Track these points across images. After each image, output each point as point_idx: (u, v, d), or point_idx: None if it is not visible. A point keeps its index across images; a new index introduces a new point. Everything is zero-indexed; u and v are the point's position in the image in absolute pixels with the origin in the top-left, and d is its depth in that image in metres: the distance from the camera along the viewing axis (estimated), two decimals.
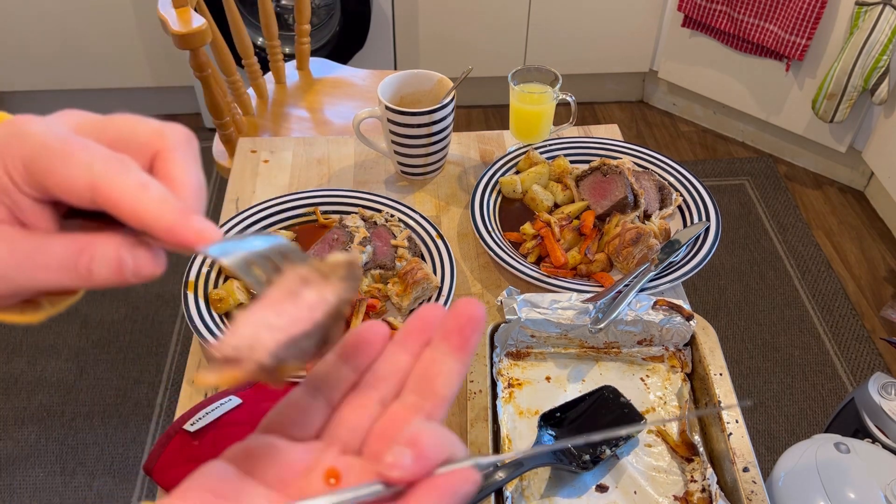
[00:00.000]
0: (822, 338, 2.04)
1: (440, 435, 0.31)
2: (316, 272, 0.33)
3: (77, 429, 1.82)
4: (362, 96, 1.80)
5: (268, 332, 0.31)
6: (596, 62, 2.71)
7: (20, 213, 0.33)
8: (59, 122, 0.34)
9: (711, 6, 2.39)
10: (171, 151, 0.34)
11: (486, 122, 2.79)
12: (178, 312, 2.08)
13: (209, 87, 1.47)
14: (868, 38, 2.08)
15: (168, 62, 2.57)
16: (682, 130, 2.78)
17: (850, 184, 2.53)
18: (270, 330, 0.32)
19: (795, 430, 1.83)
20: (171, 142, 0.34)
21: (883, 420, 1.35)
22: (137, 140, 0.34)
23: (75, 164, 0.31)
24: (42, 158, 0.32)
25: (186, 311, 0.91)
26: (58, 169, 0.31)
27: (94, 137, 0.33)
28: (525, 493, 0.77)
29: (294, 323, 0.32)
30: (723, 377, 0.82)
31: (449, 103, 1.09)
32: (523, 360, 0.89)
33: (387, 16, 2.43)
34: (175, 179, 0.33)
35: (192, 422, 0.79)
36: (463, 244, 1.07)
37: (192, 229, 0.32)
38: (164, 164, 0.34)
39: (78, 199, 0.32)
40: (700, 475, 0.78)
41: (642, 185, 1.07)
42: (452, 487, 0.30)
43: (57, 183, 0.32)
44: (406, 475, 0.30)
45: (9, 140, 0.32)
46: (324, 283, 0.33)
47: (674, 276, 0.95)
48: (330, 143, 1.24)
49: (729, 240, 2.31)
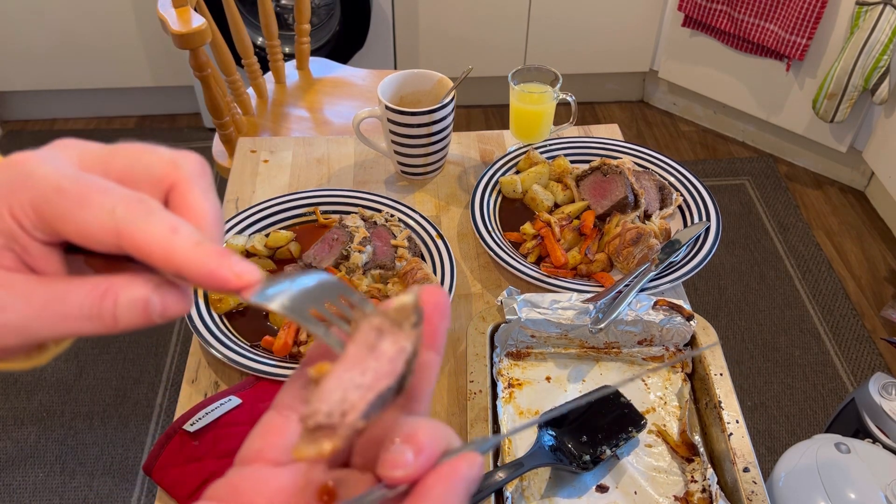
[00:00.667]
0: (823, 338, 2.03)
1: (435, 427, 0.31)
2: (388, 321, 0.32)
3: (76, 429, 1.82)
4: (362, 96, 1.80)
5: (356, 393, 0.30)
6: (596, 62, 2.71)
7: (29, 258, 0.31)
8: (60, 157, 0.31)
9: (712, 6, 2.39)
10: (188, 183, 0.32)
11: (486, 121, 2.79)
12: None
13: (209, 86, 1.47)
14: (868, 37, 2.08)
15: (168, 62, 2.57)
16: (683, 130, 2.78)
17: (850, 184, 2.53)
18: (358, 389, 0.30)
19: (796, 431, 1.82)
20: (186, 173, 0.32)
21: (883, 420, 1.35)
22: (150, 173, 0.32)
23: (96, 209, 0.29)
24: (55, 203, 0.29)
25: None
26: (75, 214, 0.29)
27: (101, 172, 0.31)
28: (525, 493, 0.76)
29: (379, 379, 0.31)
30: (723, 377, 0.82)
31: (449, 103, 1.09)
32: (523, 360, 0.89)
33: (387, 15, 2.43)
34: (194, 213, 0.32)
35: (192, 422, 0.79)
36: (463, 244, 1.06)
37: (231, 272, 0.30)
38: (182, 197, 0.32)
39: (99, 245, 0.30)
40: (700, 475, 0.77)
41: (642, 184, 1.07)
42: (458, 473, 0.29)
43: (76, 230, 0.30)
44: (410, 472, 0.29)
45: (13, 183, 0.30)
46: (398, 331, 0.32)
47: (674, 276, 0.95)
48: (330, 143, 1.24)
49: (729, 240, 2.31)
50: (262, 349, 0.89)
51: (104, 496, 1.69)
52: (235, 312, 0.94)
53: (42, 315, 0.30)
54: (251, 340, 0.90)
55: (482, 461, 0.30)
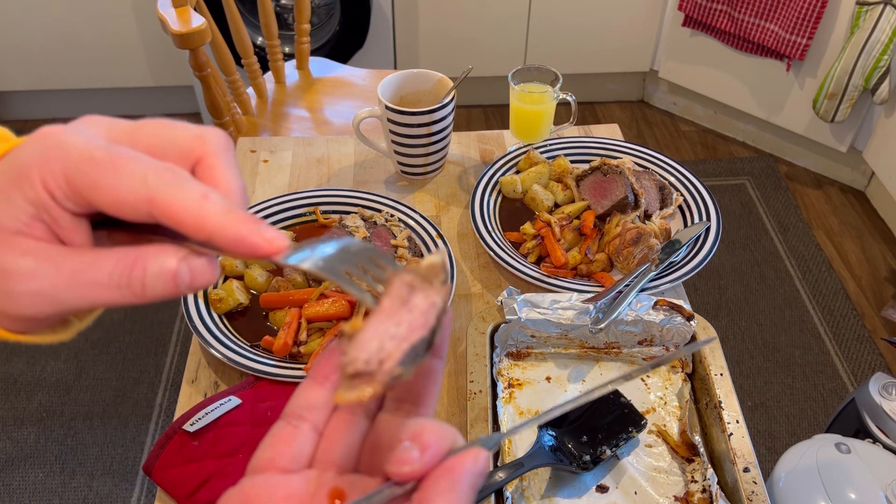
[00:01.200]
0: (823, 338, 2.03)
1: (440, 427, 0.31)
2: (419, 277, 0.34)
3: (76, 429, 1.81)
4: (362, 96, 1.80)
5: (392, 342, 0.32)
6: (596, 62, 2.71)
7: (59, 229, 0.31)
8: (89, 130, 0.32)
9: (712, 6, 2.39)
10: (214, 157, 0.33)
11: (486, 121, 2.79)
12: (178, 312, 2.08)
13: (209, 86, 1.47)
14: (869, 37, 2.08)
15: (167, 62, 2.57)
16: (683, 130, 2.78)
17: (850, 184, 2.53)
18: (394, 339, 0.32)
19: (796, 431, 1.82)
20: (212, 147, 0.33)
21: (884, 420, 1.35)
22: (177, 146, 0.33)
23: (128, 178, 0.30)
24: (88, 172, 0.30)
25: (186, 312, 0.91)
26: (108, 183, 0.30)
27: (129, 145, 0.32)
28: (525, 493, 0.76)
29: (413, 330, 0.32)
30: (723, 377, 0.82)
31: (449, 103, 1.08)
32: (523, 360, 0.89)
33: (387, 15, 2.42)
34: (222, 185, 0.32)
35: (192, 422, 0.79)
36: (463, 244, 1.06)
37: (262, 238, 0.31)
38: (209, 170, 0.33)
39: (132, 214, 0.31)
40: (701, 475, 0.77)
41: (643, 184, 1.07)
42: (464, 467, 0.30)
43: (108, 199, 0.30)
44: (416, 469, 0.30)
45: (47, 153, 0.30)
46: (429, 287, 0.34)
47: (674, 276, 0.95)
48: (330, 143, 1.24)
49: (729, 240, 2.31)
50: (261, 349, 0.89)
51: (104, 496, 1.69)
52: (235, 313, 0.94)
53: (71, 283, 0.31)
54: (251, 340, 0.90)
55: (488, 456, 0.31)
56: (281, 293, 0.93)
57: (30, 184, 0.30)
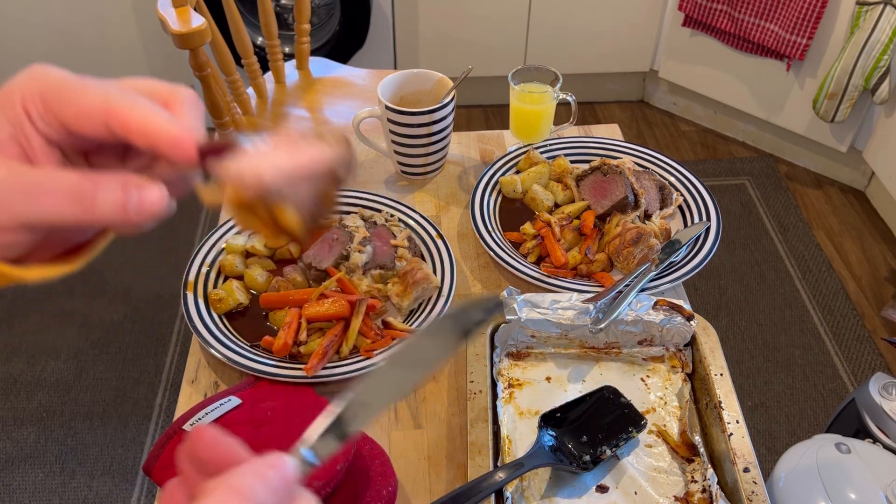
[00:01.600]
0: (823, 338, 2.03)
1: None
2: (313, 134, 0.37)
3: (76, 429, 1.81)
4: (362, 96, 1.80)
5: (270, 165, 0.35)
6: (596, 62, 2.71)
7: (30, 150, 0.36)
8: None
9: (712, 6, 2.39)
10: (182, 105, 0.38)
11: (486, 121, 2.79)
12: (178, 313, 2.08)
13: (209, 86, 1.47)
14: (869, 37, 2.08)
15: (167, 62, 2.57)
16: (683, 130, 2.78)
17: (850, 184, 2.53)
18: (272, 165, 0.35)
19: (796, 431, 1.82)
20: (181, 97, 0.39)
21: (884, 420, 1.35)
22: (155, 92, 0.38)
23: (92, 93, 0.35)
24: (59, 91, 0.35)
25: (186, 312, 0.91)
26: (75, 98, 0.35)
27: None
28: (525, 493, 0.76)
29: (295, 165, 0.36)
30: (723, 377, 0.82)
31: (449, 103, 1.08)
32: (523, 360, 0.89)
33: (387, 15, 2.42)
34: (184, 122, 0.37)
35: (192, 422, 0.79)
36: (463, 244, 1.06)
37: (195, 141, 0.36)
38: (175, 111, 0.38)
39: (93, 127, 0.35)
40: (701, 476, 0.77)
41: (643, 184, 1.07)
42: None
43: (74, 112, 0.35)
44: None
45: (29, 79, 0.36)
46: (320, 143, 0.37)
47: (674, 276, 0.95)
48: None
49: (729, 240, 2.31)
50: (261, 349, 0.89)
51: (104, 496, 1.69)
52: (235, 313, 0.94)
53: (29, 191, 0.34)
54: (251, 340, 0.90)
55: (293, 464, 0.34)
56: (281, 293, 0.93)
57: (11, 104, 0.35)
